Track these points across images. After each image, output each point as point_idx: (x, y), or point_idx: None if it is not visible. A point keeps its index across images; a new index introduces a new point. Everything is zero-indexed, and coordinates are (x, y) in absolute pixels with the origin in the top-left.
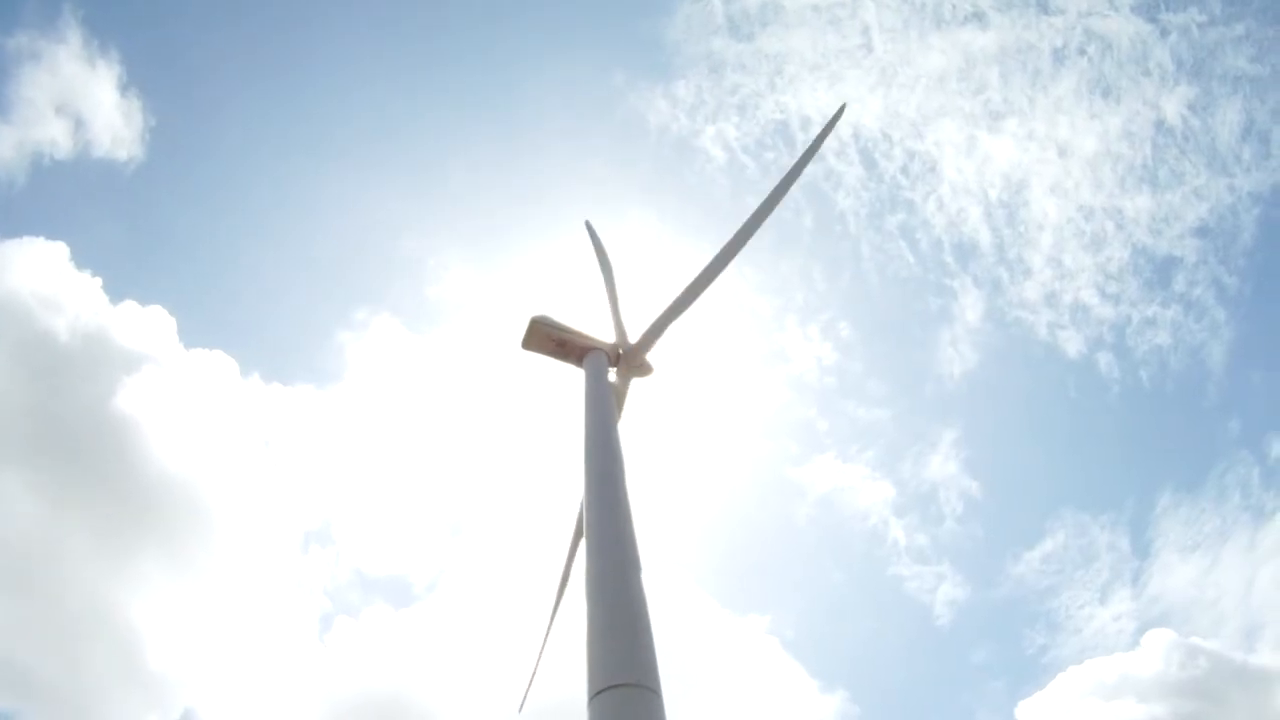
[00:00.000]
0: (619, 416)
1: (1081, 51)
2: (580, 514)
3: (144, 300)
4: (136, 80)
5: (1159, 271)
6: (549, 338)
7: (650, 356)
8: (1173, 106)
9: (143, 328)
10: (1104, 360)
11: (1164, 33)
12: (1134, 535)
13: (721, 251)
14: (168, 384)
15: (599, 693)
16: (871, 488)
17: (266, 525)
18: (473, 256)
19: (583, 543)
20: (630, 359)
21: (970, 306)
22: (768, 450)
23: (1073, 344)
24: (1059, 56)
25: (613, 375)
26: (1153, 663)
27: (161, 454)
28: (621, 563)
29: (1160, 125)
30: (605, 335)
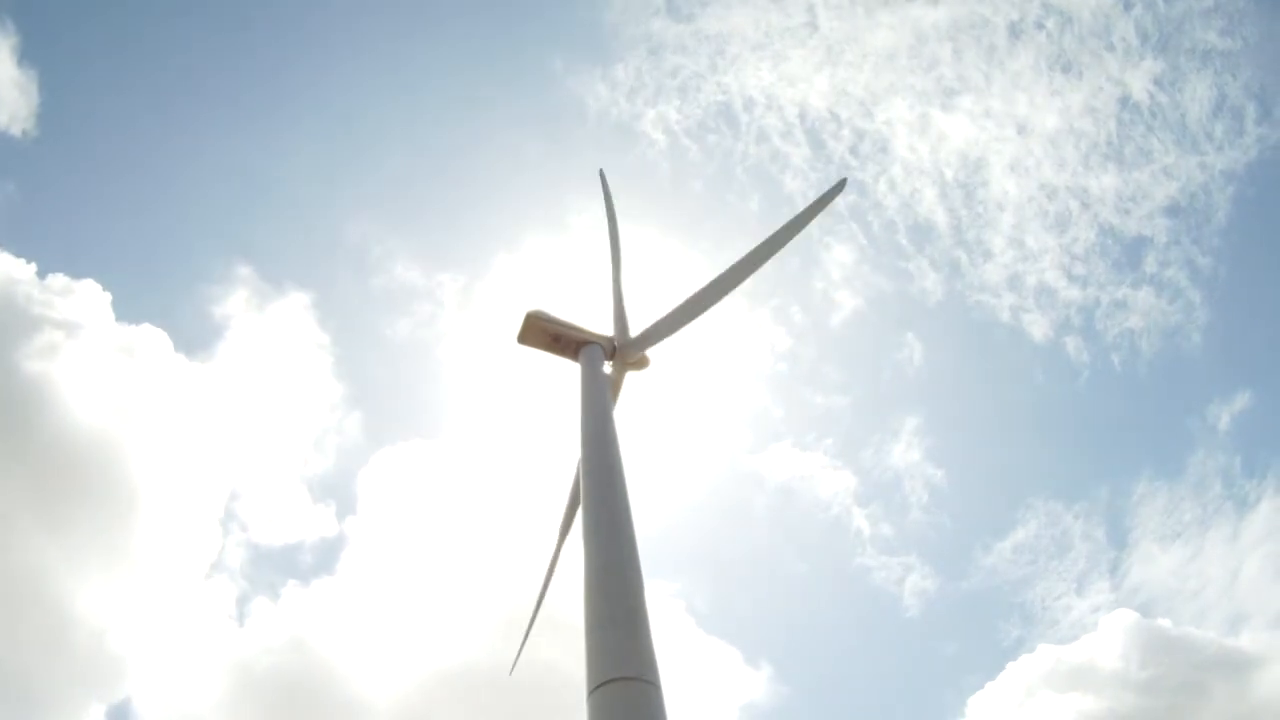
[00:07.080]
0: (613, 408)
1: (1040, 26)
2: (575, 482)
3: (75, 274)
4: (30, 53)
5: (1128, 252)
6: (544, 332)
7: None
8: (1139, 82)
9: (74, 302)
10: (1072, 344)
11: (1128, 5)
12: (1110, 524)
13: (738, 265)
14: (96, 358)
15: (599, 686)
16: (832, 477)
17: (189, 500)
18: (409, 244)
19: (578, 523)
20: (626, 353)
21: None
22: (722, 438)
23: (1038, 328)
24: (1015, 31)
25: (608, 368)
26: (1112, 646)
27: (90, 427)
28: (620, 556)
29: (1125, 101)
30: (601, 326)
